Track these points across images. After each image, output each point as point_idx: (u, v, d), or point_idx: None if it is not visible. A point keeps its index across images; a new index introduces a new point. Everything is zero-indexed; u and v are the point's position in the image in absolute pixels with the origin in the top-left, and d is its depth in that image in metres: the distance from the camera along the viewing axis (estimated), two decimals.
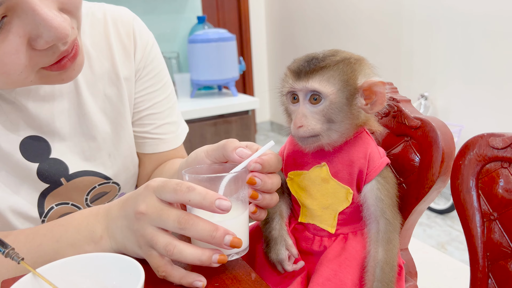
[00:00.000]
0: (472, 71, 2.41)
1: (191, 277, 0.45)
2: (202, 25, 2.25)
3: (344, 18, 3.19)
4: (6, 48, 0.44)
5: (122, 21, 0.72)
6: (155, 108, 0.77)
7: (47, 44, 0.46)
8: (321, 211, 0.49)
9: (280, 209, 0.53)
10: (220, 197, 0.44)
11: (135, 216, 0.46)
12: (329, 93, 0.44)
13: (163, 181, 0.46)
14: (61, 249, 0.51)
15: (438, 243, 2.19)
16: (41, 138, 0.63)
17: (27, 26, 0.44)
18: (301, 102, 0.46)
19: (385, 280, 0.46)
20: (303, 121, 0.45)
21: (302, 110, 0.45)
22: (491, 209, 0.45)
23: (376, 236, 0.48)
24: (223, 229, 0.45)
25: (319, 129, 0.45)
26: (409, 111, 0.54)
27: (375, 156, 0.48)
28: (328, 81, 0.45)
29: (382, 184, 0.47)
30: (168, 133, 0.79)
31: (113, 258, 0.43)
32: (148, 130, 0.77)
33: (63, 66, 0.50)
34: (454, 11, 2.42)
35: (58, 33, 0.45)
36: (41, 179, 0.63)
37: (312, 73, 0.45)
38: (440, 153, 0.50)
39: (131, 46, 0.72)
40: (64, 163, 0.65)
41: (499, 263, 0.44)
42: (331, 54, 0.47)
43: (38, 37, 0.45)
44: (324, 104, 0.45)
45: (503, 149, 0.44)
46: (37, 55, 0.47)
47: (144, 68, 0.75)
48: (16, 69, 0.46)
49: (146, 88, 0.75)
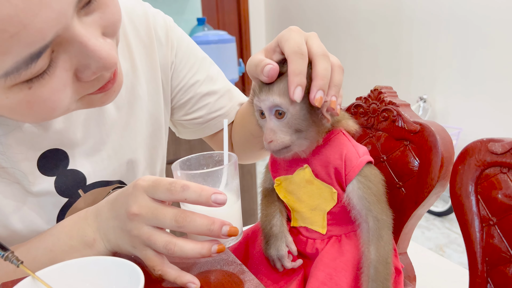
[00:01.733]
0: (471, 74, 2.42)
1: (186, 278, 0.46)
2: (202, 27, 2.26)
3: (344, 21, 3.20)
4: (53, 85, 0.41)
5: (138, 16, 0.68)
6: (202, 87, 0.75)
7: (95, 75, 0.44)
8: (310, 213, 0.50)
9: (280, 208, 0.54)
10: (216, 192, 0.45)
11: (128, 217, 0.46)
12: (288, 105, 0.45)
13: (154, 180, 0.46)
14: (56, 258, 0.50)
15: (437, 245, 2.19)
16: (60, 150, 0.60)
17: (74, 59, 0.42)
18: (267, 117, 0.47)
19: (379, 279, 0.46)
20: (272, 136, 0.46)
21: (269, 125, 0.47)
22: (490, 214, 0.45)
23: (366, 236, 0.48)
24: (219, 221, 0.45)
25: (288, 140, 0.46)
26: (409, 116, 0.54)
27: (351, 156, 0.48)
28: (285, 93, 0.45)
29: (363, 182, 0.48)
30: (225, 106, 0.78)
31: (112, 261, 0.43)
32: (205, 113, 0.76)
33: (104, 88, 0.48)
34: (453, 14, 2.43)
35: (107, 63, 0.43)
36: (59, 193, 0.60)
37: (271, 88, 0.46)
38: (439, 158, 0.50)
39: (153, 42, 0.69)
40: (82, 173, 0.62)
41: (498, 268, 0.44)
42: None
43: (86, 69, 0.43)
44: (288, 117, 0.46)
45: (502, 154, 0.44)
46: (82, 85, 0.45)
47: (177, 53, 0.73)
48: (62, 104, 0.44)
49: (186, 75, 0.74)
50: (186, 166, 0.54)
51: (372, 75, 3.02)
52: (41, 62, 0.38)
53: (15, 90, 0.40)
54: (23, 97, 0.40)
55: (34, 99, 0.41)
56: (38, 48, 0.37)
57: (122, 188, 0.51)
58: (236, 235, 0.47)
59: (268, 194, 0.55)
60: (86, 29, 0.41)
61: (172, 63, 0.73)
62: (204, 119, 0.77)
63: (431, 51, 2.59)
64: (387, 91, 0.57)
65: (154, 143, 0.72)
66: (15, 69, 0.37)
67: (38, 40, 0.37)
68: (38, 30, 0.36)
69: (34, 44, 0.37)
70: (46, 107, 0.42)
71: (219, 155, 0.55)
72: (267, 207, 0.54)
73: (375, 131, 0.58)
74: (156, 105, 0.71)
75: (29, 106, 0.42)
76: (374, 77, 2.99)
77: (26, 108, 0.42)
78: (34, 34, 0.36)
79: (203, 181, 0.49)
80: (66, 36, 0.39)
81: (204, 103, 0.76)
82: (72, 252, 0.51)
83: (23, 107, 0.42)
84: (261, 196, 0.56)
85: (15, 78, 0.38)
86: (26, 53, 0.37)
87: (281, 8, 3.83)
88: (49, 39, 0.37)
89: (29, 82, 0.40)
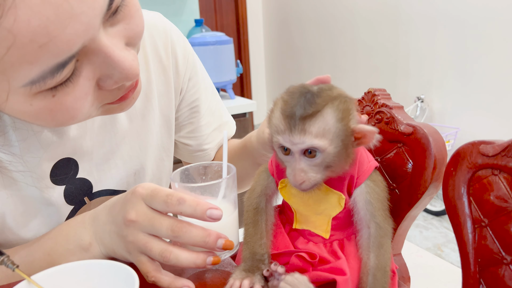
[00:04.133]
0: (469, 73, 2.42)
1: (180, 283, 0.47)
2: (200, 28, 2.26)
3: (342, 22, 3.20)
4: (76, 93, 0.42)
5: (158, 31, 0.69)
6: (201, 119, 0.77)
7: (116, 85, 0.45)
8: (315, 217, 0.50)
9: (267, 235, 0.51)
10: (211, 207, 0.45)
11: (125, 223, 0.46)
12: (327, 145, 0.42)
13: (152, 190, 0.47)
14: (54, 261, 0.51)
15: (435, 245, 2.20)
16: (72, 160, 0.60)
17: (97, 69, 0.42)
18: (296, 157, 0.44)
19: (377, 286, 0.46)
20: (304, 177, 0.43)
21: (300, 166, 0.43)
22: (482, 216, 0.45)
23: (367, 242, 0.48)
24: (215, 233, 0.46)
25: (320, 178, 0.44)
26: (402, 118, 0.55)
27: (363, 160, 0.48)
28: (324, 130, 0.42)
29: (371, 187, 0.48)
30: (216, 139, 0.80)
31: (107, 265, 0.43)
32: (197, 143, 0.78)
33: (125, 98, 0.49)
34: (450, 14, 2.43)
35: (130, 74, 0.43)
36: (67, 202, 0.61)
37: (306, 124, 0.41)
38: (432, 160, 0.51)
39: (170, 61, 0.70)
40: (89, 181, 0.62)
41: (490, 269, 0.45)
42: (326, 88, 0.44)
43: (108, 78, 0.44)
44: (322, 157, 0.43)
45: (494, 156, 0.44)
46: (103, 94, 0.46)
47: (190, 79, 0.73)
48: (84, 112, 0.45)
49: (191, 103, 0.75)
50: (185, 175, 0.54)
51: (369, 75, 3.03)
52: (66, 71, 0.39)
53: (39, 98, 0.40)
54: (47, 104, 0.41)
55: (57, 106, 0.42)
56: (65, 58, 0.38)
57: (121, 194, 0.51)
58: (231, 248, 0.47)
59: (257, 213, 0.52)
60: (111, 40, 0.42)
61: (182, 90, 0.74)
62: (194, 148, 0.79)
63: (428, 51, 2.60)
64: (380, 94, 0.58)
65: (162, 156, 0.73)
66: (41, 78, 0.38)
67: (65, 51, 0.37)
68: (66, 41, 0.37)
69: (61, 54, 0.37)
70: (68, 114, 0.43)
71: (218, 165, 0.55)
72: (255, 227, 0.51)
73: None
74: (167, 119, 0.72)
75: (52, 113, 0.42)
76: (371, 78, 3.00)
77: (49, 115, 0.42)
78: (62, 45, 0.36)
79: (201, 193, 0.49)
80: (91, 46, 0.40)
81: (199, 134, 0.77)
82: (69, 256, 0.51)
83: (45, 114, 0.42)
84: (249, 215, 0.52)
85: (40, 86, 0.39)
86: (53, 63, 0.37)
87: (279, 10, 3.83)
88: (76, 50, 0.38)
89: (53, 90, 0.40)
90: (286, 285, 0.44)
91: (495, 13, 2.20)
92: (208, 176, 0.56)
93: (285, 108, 0.43)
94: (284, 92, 0.46)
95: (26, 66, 0.36)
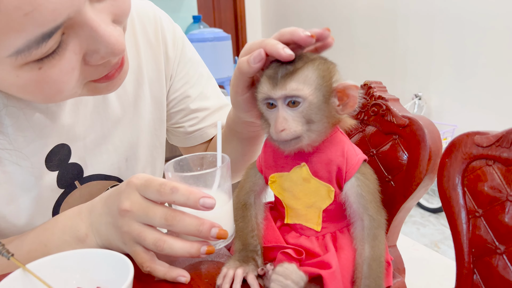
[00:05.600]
0: (466, 71, 2.43)
1: (175, 272, 0.47)
2: (198, 25, 2.26)
3: (339, 18, 3.20)
4: (62, 66, 0.43)
5: (148, 18, 0.69)
6: (193, 103, 0.76)
7: (102, 60, 0.45)
8: (306, 210, 0.50)
9: (258, 228, 0.52)
10: (204, 196, 0.45)
11: (119, 213, 0.47)
12: (308, 94, 0.44)
13: (146, 180, 0.47)
14: (50, 252, 0.51)
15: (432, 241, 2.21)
16: (65, 146, 0.61)
17: (84, 43, 0.43)
18: (280, 107, 0.46)
19: (372, 276, 0.46)
20: (284, 125, 0.45)
21: (282, 114, 0.45)
22: (476, 206, 0.46)
23: (361, 233, 0.48)
24: (209, 222, 0.46)
25: (300, 130, 0.45)
26: (397, 110, 0.55)
27: (351, 153, 0.48)
28: (305, 82, 0.44)
29: (361, 180, 0.48)
30: (212, 120, 0.79)
31: (102, 253, 0.43)
32: (192, 124, 0.77)
33: (111, 77, 0.50)
34: (448, 11, 2.44)
35: (116, 49, 0.44)
36: (59, 186, 0.61)
37: (289, 77, 0.45)
38: (427, 151, 0.51)
39: (160, 47, 0.70)
40: (80, 166, 0.63)
41: (484, 259, 0.45)
42: (306, 55, 0.47)
43: (94, 53, 0.44)
44: (303, 106, 0.45)
45: (488, 147, 0.44)
46: (89, 69, 0.46)
47: (178, 64, 0.74)
48: (69, 86, 0.45)
49: (181, 87, 0.75)
50: (180, 166, 0.54)
51: (368, 73, 3.03)
52: (51, 42, 0.40)
53: (26, 69, 0.41)
54: (33, 76, 0.42)
55: (43, 79, 0.42)
56: (50, 29, 0.38)
57: (117, 185, 0.51)
58: (225, 238, 0.47)
59: (246, 209, 0.53)
60: (97, 14, 0.43)
61: (172, 76, 0.74)
62: (190, 129, 0.78)
63: (426, 48, 2.60)
64: (376, 86, 0.58)
65: (155, 142, 0.73)
66: (27, 47, 0.38)
67: (51, 20, 0.38)
68: (52, 10, 0.37)
69: (46, 24, 0.38)
70: (54, 88, 0.44)
71: (212, 156, 0.55)
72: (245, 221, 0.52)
73: (365, 126, 0.58)
74: (158, 105, 0.72)
75: (38, 85, 0.43)
76: (369, 75, 3.00)
77: (35, 88, 0.43)
78: (47, 14, 0.37)
79: (195, 182, 0.49)
80: (77, 19, 0.41)
81: (193, 116, 0.77)
82: (65, 247, 0.51)
83: (32, 86, 0.43)
84: (239, 211, 0.53)
85: (26, 57, 0.39)
86: (38, 32, 0.38)
87: (277, 6, 3.83)
88: (61, 20, 0.39)
89: (39, 62, 0.41)
90: (277, 276, 0.44)
91: (493, 10, 2.21)
92: (203, 167, 0.56)
93: (269, 71, 0.47)
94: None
95: (11, 35, 0.37)
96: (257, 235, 0.51)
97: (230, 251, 0.54)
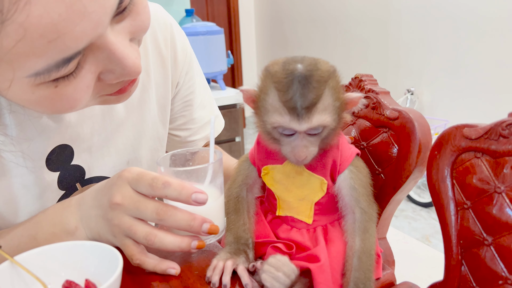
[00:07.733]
0: (458, 66, 2.44)
1: (165, 265, 0.47)
2: (190, 18, 2.24)
3: (333, 14, 3.20)
4: (77, 85, 0.42)
5: (158, 23, 0.69)
6: (193, 112, 0.78)
7: (117, 80, 0.45)
8: (298, 203, 0.50)
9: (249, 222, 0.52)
10: (196, 191, 0.45)
11: (110, 206, 0.46)
12: (330, 122, 0.44)
13: (138, 173, 0.47)
14: (39, 245, 0.50)
15: (423, 235, 2.22)
16: (68, 147, 0.60)
17: (100, 63, 0.43)
18: (301, 136, 0.44)
19: (362, 268, 0.46)
20: (306, 152, 0.45)
21: (303, 143, 0.44)
22: (464, 198, 0.46)
23: (352, 226, 0.48)
24: (200, 217, 0.46)
25: (316, 150, 0.46)
26: (388, 103, 0.55)
27: (345, 146, 0.49)
28: (326, 110, 0.43)
29: (354, 173, 0.48)
30: (205, 132, 0.81)
31: (91, 245, 0.43)
32: (186, 135, 0.79)
33: (123, 91, 0.49)
34: (441, 7, 2.45)
35: (132, 72, 0.44)
36: (60, 187, 0.61)
37: (312, 108, 0.42)
38: (417, 144, 0.51)
39: (168, 53, 0.70)
40: (82, 168, 0.63)
41: (472, 251, 0.45)
42: (315, 68, 0.43)
43: (110, 73, 0.44)
44: (324, 132, 0.45)
45: (476, 139, 0.45)
46: (102, 85, 0.46)
47: (186, 74, 0.74)
48: (83, 103, 0.45)
49: (184, 97, 0.75)
50: (172, 161, 0.54)
51: (361, 68, 3.03)
52: (71, 65, 0.40)
53: (42, 88, 0.40)
54: (48, 94, 0.41)
55: (58, 96, 0.42)
56: (71, 54, 0.38)
57: (108, 178, 0.51)
58: (216, 233, 0.47)
59: (238, 202, 0.53)
60: (116, 36, 0.42)
61: (179, 83, 0.74)
62: (182, 140, 0.79)
63: (419, 44, 2.61)
64: (367, 79, 0.58)
65: (157, 146, 0.73)
66: (46, 70, 0.38)
67: (73, 47, 0.38)
68: (75, 38, 0.37)
69: (68, 50, 0.37)
70: (67, 104, 0.44)
71: (205, 151, 0.55)
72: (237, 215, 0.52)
73: (355, 118, 0.59)
74: (162, 110, 0.72)
75: (52, 102, 0.42)
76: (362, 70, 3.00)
77: (49, 104, 0.43)
78: (70, 42, 0.37)
79: (187, 177, 0.49)
80: (97, 42, 0.40)
81: (190, 126, 0.78)
82: (55, 240, 0.51)
83: (46, 102, 0.42)
84: (231, 204, 0.53)
85: (45, 78, 0.39)
86: (59, 57, 0.38)
87: (270, 1, 3.82)
88: (83, 46, 0.39)
89: (56, 81, 0.41)
90: (269, 267, 0.45)
91: (486, 6, 2.22)
92: (195, 162, 0.56)
93: (283, 98, 0.42)
94: (268, 71, 0.45)
95: (32, 59, 0.36)
96: (248, 229, 0.51)
97: (221, 244, 0.54)
